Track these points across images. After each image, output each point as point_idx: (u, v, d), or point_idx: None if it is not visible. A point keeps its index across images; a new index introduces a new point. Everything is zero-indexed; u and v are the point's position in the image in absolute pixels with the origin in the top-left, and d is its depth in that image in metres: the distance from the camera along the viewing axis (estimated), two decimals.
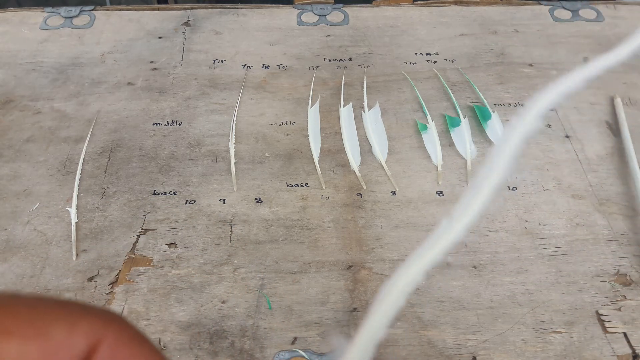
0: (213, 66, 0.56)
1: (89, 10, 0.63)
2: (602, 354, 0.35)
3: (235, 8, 0.64)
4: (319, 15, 0.63)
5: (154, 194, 0.44)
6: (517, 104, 0.52)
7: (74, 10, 0.63)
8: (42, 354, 0.13)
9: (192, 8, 0.64)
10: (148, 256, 0.40)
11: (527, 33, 0.60)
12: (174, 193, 0.44)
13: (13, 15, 0.62)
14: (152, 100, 0.53)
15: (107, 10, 0.63)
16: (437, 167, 0.46)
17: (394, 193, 0.44)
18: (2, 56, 0.57)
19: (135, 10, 0.63)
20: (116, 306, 0.37)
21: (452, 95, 0.52)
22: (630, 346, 0.35)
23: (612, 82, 0.54)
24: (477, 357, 0.35)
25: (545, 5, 0.64)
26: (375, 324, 0.15)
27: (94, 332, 0.14)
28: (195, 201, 0.44)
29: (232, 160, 0.47)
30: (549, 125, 0.50)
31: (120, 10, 0.64)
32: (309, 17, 0.62)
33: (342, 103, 0.52)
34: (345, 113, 0.51)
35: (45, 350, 0.13)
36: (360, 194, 0.44)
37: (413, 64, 0.56)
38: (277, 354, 0.35)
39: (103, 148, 0.48)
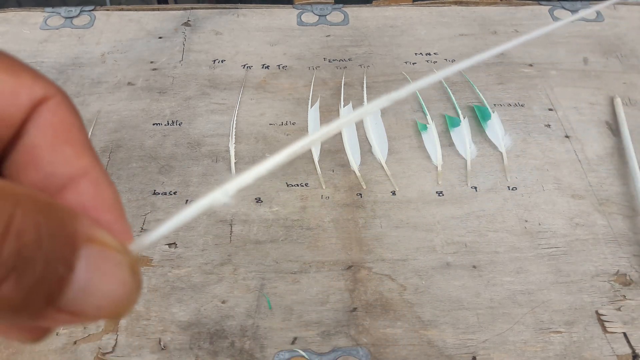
0: (213, 66, 0.56)
1: (89, 11, 0.63)
2: (602, 354, 0.35)
3: (235, 8, 0.64)
4: (319, 16, 0.63)
5: (154, 194, 0.44)
6: (517, 104, 0.52)
7: (74, 10, 0.63)
8: (15, 85, 0.15)
9: (192, 8, 0.64)
10: (148, 256, 0.40)
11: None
12: (174, 193, 0.44)
13: (13, 15, 0.62)
14: (152, 100, 0.53)
15: (107, 10, 0.63)
16: (437, 167, 0.46)
17: (394, 193, 0.44)
18: None
19: (135, 10, 0.64)
20: None
21: (452, 95, 0.52)
22: (630, 346, 0.35)
23: (612, 82, 0.54)
24: (477, 357, 0.35)
25: (545, 5, 0.64)
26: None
27: (48, 87, 0.16)
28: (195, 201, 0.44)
29: (232, 160, 0.47)
30: (549, 125, 0.50)
31: (120, 10, 0.64)
32: (309, 17, 0.62)
33: (342, 103, 0.52)
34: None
35: (18, 84, 0.15)
36: (360, 194, 0.44)
37: (413, 64, 0.56)
38: (277, 354, 0.35)
39: (103, 148, 0.48)
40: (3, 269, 0.12)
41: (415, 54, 0.58)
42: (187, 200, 0.44)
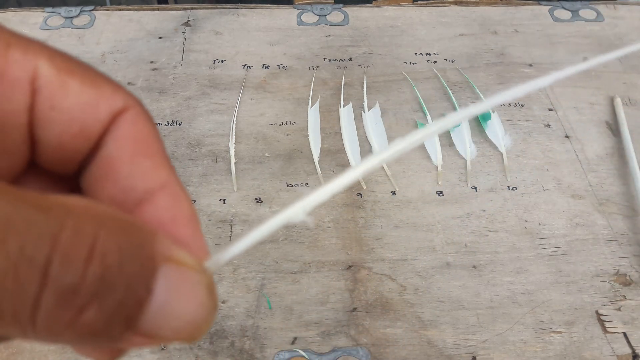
0: (213, 66, 0.56)
1: (89, 11, 0.63)
2: (602, 354, 0.35)
3: (235, 8, 0.64)
4: (319, 16, 0.63)
5: None
6: (517, 104, 0.52)
7: (74, 10, 0.63)
8: (95, 97, 0.15)
9: (192, 8, 0.64)
10: None
11: (527, 33, 0.60)
12: None
13: (13, 15, 0.62)
14: (152, 100, 0.53)
15: (107, 10, 0.63)
16: (437, 167, 0.46)
17: (394, 193, 0.44)
18: None
19: (135, 10, 0.64)
20: None
21: (452, 95, 0.52)
22: (630, 346, 0.35)
23: (612, 82, 0.54)
24: (477, 357, 0.35)
25: (545, 5, 0.64)
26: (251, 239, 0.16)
27: (127, 98, 0.15)
28: (195, 201, 0.44)
29: (232, 160, 0.47)
30: (549, 125, 0.50)
31: (120, 10, 0.64)
32: (309, 17, 0.62)
33: (342, 103, 0.52)
34: (345, 113, 0.51)
35: (98, 96, 0.15)
36: (360, 194, 0.44)
37: (413, 64, 0.56)
38: (277, 354, 0.35)
39: None
40: (87, 294, 0.12)
41: (415, 54, 0.58)
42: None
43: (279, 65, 0.56)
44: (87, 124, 0.15)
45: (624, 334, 0.36)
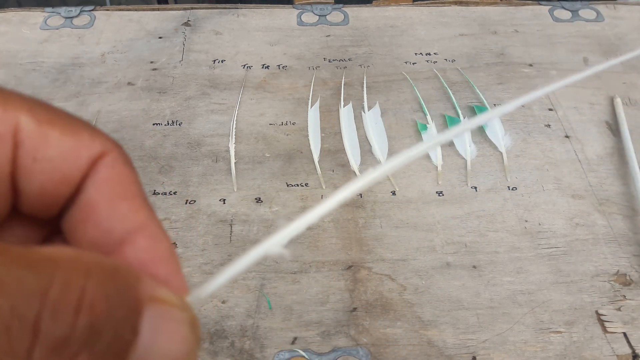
0: (213, 66, 0.56)
1: (89, 11, 0.63)
2: (602, 354, 0.35)
3: (235, 8, 0.64)
4: (319, 16, 0.63)
5: (154, 194, 0.44)
6: None
7: (74, 10, 0.63)
8: (75, 145, 0.15)
9: (192, 8, 0.64)
10: None
11: (527, 33, 0.60)
12: (174, 193, 0.44)
13: (13, 15, 0.62)
14: (152, 100, 0.53)
15: (107, 10, 0.63)
16: (437, 167, 0.46)
17: (394, 193, 0.44)
18: (2, 56, 0.57)
19: (135, 10, 0.64)
20: None
21: (452, 95, 0.52)
22: (630, 346, 0.35)
23: (612, 82, 0.54)
24: (477, 357, 0.35)
25: (545, 5, 0.64)
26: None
27: (105, 143, 0.16)
28: (195, 201, 0.44)
29: (232, 160, 0.47)
30: (549, 125, 0.50)
31: (120, 10, 0.64)
32: (309, 17, 0.62)
33: (342, 103, 0.52)
34: (345, 113, 0.51)
35: (78, 143, 0.15)
36: (360, 194, 0.44)
37: (413, 64, 0.56)
38: (277, 354, 0.35)
39: None
40: (77, 344, 0.12)
41: (415, 54, 0.58)
42: (187, 201, 0.44)
43: (279, 65, 0.56)
44: (68, 171, 0.15)
45: (624, 334, 0.36)
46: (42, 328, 0.12)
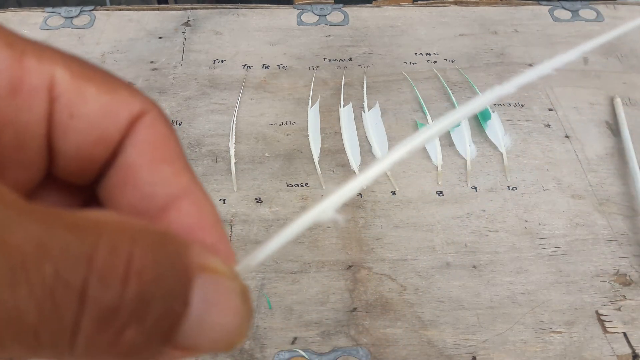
0: (213, 66, 0.56)
1: (89, 11, 0.63)
2: (602, 354, 0.35)
3: (235, 8, 0.64)
4: (319, 16, 0.63)
5: None
6: (517, 104, 0.52)
7: (74, 10, 0.63)
8: (114, 102, 0.14)
9: (192, 8, 0.64)
10: None
11: (527, 33, 0.60)
12: None
13: (13, 15, 0.62)
14: None
15: (107, 10, 0.63)
16: (437, 167, 0.46)
17: (394, 193, 0.44)
18: None
19: (135, 10, 0.64)
20: None
21: (452, 95, 0.52)
22: (630, 346, 0.35)
23: (612, 82, 0.54)
24: (477, 357, 0.35)
25: (545, 5, 0.64)
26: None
27: (144, 102, 0.15)
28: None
29: (232, 160, 0.47)
30: (549, 125, 0.50)
31: (121, 10, 0.64)
32: (309, 17, 0.62)
33: (342, 103, 0.52)
34: (345, 113, 0.51)
35: (116, 101, 0.14)
36: (360, 194, 0.44)
37: (413, 64, 0.56)
38: (277, 354, 0.35)
39: None
40: (126, 314, 0.11)
41: (415, 54, 0.58)
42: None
43: (279, 65, 0.56)
44: (106, 130, 0.14)
45: (624, 334, 0.36)
46: (90, 295, 0.11)
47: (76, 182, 0.15)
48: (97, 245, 0.11)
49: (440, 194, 0.44)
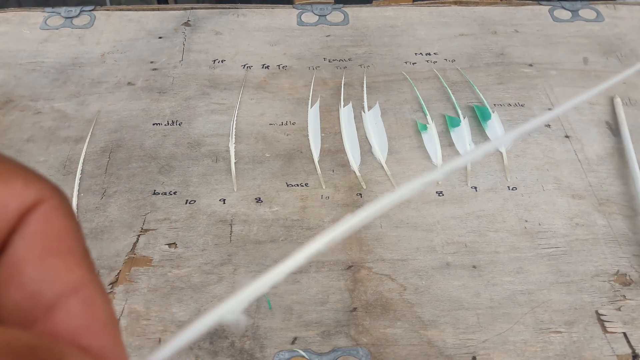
0: (213, 66, 0.56)
1: (89, 10, 0.63)
2: (602, 354, 0.35)
3: (235, 8, 0.64)
4: (319, 16, 0.63)
5: (154, 194, 0.44)
6: (517, 104, 0.52)
7: (74, 10, 0.63)
8: (2, 194, 0.13)
9: (192, 8, 0.64)
10: (148, 256, 0.40)
11: (527, 33, 0.60)
12: (174, 193, 0.44)
13: (13, 15, 0.62)
14: (152, 100, 0.53)
15: (107, 10, 0.63)
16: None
17: None
18: (2, 56, 0.57)
19: (135, 10, 0.64)
20: (116, 306, 0.37)
21: (452, 95, 0.52)
22: (630, 346, 0.35)
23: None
24: (477, 357, 0.35)
25: (545, 5, 0.64)
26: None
27: (42, 190, 0.14)
28: (195, 201, 0.44)
29: (232, 160, 0.47)
30: (549, 125, 0.50)
31: (120, 10, 0.64)
32: (309, 17, 0.62)
33: (342, 103, 0.52)
34: (345, 113, 0.51)
35: (6, 192, 0.13)
36: (360, 194, 0.44)
37: (413, 64, 0.56)
38: (277, 354, 0.35)
39: (103, 148, 0.48)
40: None
41: (415, 54, 0.58)
42: (187, 201, 0.44)
43: (279, 65, 0.56)
44: None
45: (624, 334, 0.36)
46: None
47: None
48: None
49: (440, 194, 0.44)
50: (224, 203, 0.44)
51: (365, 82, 0.54)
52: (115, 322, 0.14)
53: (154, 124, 0.50)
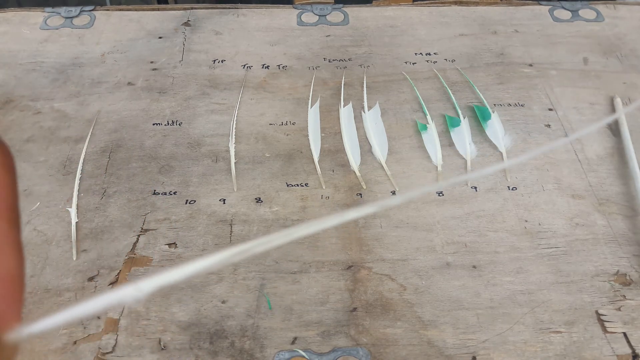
0: (213, 66, 0.56)
1: (89, 10, 0.63)
2: (601, 354, 0.35)
3: (235, 8, 0.64)
4: (319, 16, 0.63)
5: (154, 194, 0.44)
6: (517, 104, 0.52)
7: (74, 10, 0.63)
8: None
9: (192, 8, 0.64)
10: (148, 256, 0.40)
11: (527, 33, 0.60)
12: (174, 193, 0.44)
13: (13, 15, 0.62)
14: (152, 100, 0.53)
15: (107, 10, 0.63)
16: (437, 167, 0.46)
17: (394, 193, 0.44)
18: (2, 56, 0.57)
19: (135, 10, 0.64)
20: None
21: (452, 95, 0.52)
22: (630, 346, 0.35)
23: (612, 82, 0.54)
24: (477, 357, 0.35)
25: (545, 5, 0.64)
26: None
27: None
28: (195, 201, 0.44)
29: (232, 160, 0.47)
30: (549, 125, 0.50)
31: (120, 10, 0.64)
32: (309, 17, 0.62)
33: (342, 103, 0.52)
34: (345, 113, 0.51)
35: None
36: (360, 194, 0.44)
37: (413, 64, 0.56)
38: (277, 354, 0.35)
39: (103, 148, 0.48)
40: None
41: (415, 54, 0.58)
42: (187, 201, 0.44)
43: (279, 65, 0.56)
44: None
45: (624, 334, 0.36)
46: None
47: None
48: None
49: (440, 194, 0.44)
50: (224, 203, 0.44)
51: (365, 82, 0.54)
52: (16, 280, 0.14)
53: (154, 124, 0.50)
